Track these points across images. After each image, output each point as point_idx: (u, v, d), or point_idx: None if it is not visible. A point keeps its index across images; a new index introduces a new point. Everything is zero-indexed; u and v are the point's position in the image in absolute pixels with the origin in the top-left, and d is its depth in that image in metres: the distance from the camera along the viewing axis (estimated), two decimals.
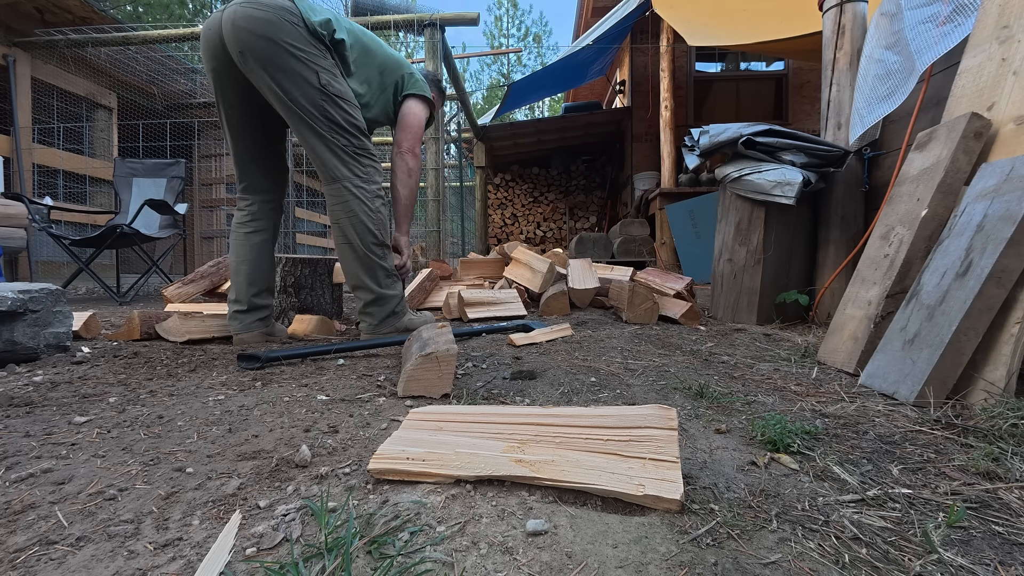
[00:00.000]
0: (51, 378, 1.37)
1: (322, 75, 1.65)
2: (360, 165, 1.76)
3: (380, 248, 1.80)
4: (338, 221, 1.75)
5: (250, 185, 1.90)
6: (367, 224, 1.75)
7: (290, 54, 1.60)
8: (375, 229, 1.77)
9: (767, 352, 1.77)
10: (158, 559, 0.59)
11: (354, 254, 1.76)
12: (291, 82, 1.61)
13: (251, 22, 1.56)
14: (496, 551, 0.60)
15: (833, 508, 0.71)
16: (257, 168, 1.89)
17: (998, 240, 1.13)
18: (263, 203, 1.92)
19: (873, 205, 2.25)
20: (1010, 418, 0.97)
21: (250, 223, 1.89)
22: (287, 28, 1.59)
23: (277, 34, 1.58)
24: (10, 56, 4.85)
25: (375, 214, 1.77)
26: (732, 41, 4.76)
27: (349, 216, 1.73)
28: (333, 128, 1.70)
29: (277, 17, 1.58)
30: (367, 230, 1.75)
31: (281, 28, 1.58)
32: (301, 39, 1.62)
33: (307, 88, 1.63)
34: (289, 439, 0.93)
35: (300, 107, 1.64)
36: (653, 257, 5.32)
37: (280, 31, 1.58)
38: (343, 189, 1.73)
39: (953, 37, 1.73)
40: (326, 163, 1.72)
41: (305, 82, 1.63)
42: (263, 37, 1.57)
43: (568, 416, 0.90)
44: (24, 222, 3.98)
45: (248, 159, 1.87)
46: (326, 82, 1.66)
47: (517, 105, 7.79)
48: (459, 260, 3.45)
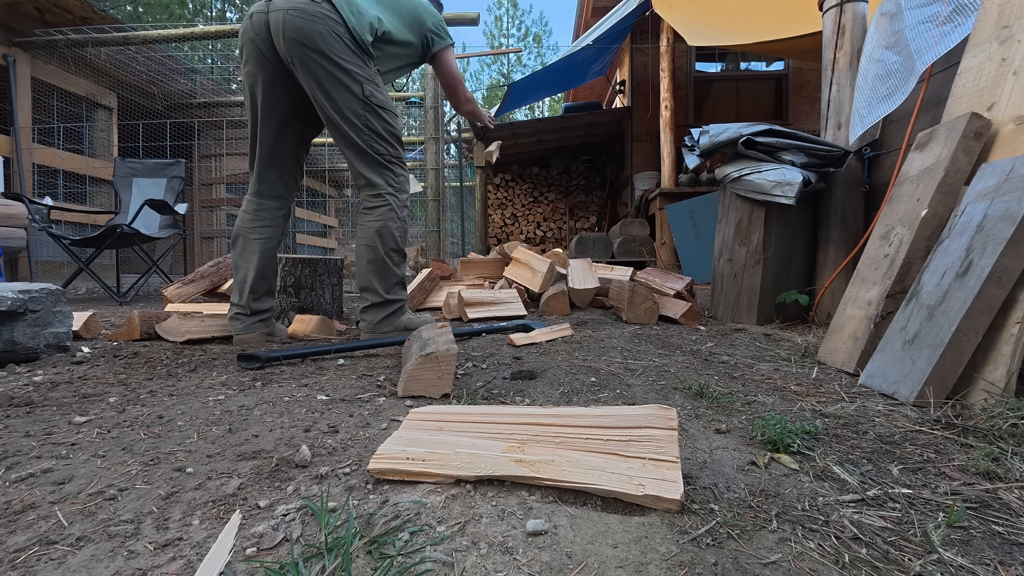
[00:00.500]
0: (51, 378, 1.37)
1: (366, 86, 1.72)
2: (394, 174, 1.84)
3: (398, 255, 1.86)
4: (367, 223, 1.81)
5: (264, 189, 1.90)
6: (392, 231, 1.82)
7: (337, 66, 1.66)
8: (398, 237, 1.84)
9: (767, 352, 1.77)
10: (158, 559, 0.59)
11: (372, 256, 1.81)
12: (338, 93, 1.68)
13: (301, 34, 1.61)
14: (496, 551, 0.60)
15: (833, 508, 0.71)
16: (277, 174, 1.91)
17: (998, 240, 1.13)
18: (275, 209, 1.92)
19: (873, 205, 2.25)
20: (1010, 418, 0.97)
21: (259, 228, 1.89)
22: (334, 41, 1.64)
23: (327, 47, 1.63)
24: (10, 56, 4.85)
25: (401, 223, 1.85)
26: (732, 41, 4.76)
27: (377, 221, 1.80)
28: (373, 137, 1.77)
29: (327, 29, 1.63)
30: (391, 236, 1.82)
31: (329, 41, 1.63)
32: (346, 50, 1.68)
33: (351, 99, 1.70)
34: (289, 439, 0.93)
35: (343, 117, 1.72)
36: (653, 257, 5.32)
37: (329, 44, 1.63)
38: (378, 196, 1.81)
39: (953, 37, 1.73)
40: (362, 171, 1.80)
41: (350, 93, 1.70)
42: (314, 50, 1.62)
43: (568, 416, 0.90)
44: (24, 222, 3.98)
45: (270, 164, 1.89)
46: (369, 93, 1.73)
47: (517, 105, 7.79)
48: (459, 260, 3.45)
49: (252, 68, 1.74)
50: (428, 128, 4.54)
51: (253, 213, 1.89)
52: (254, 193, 1.90)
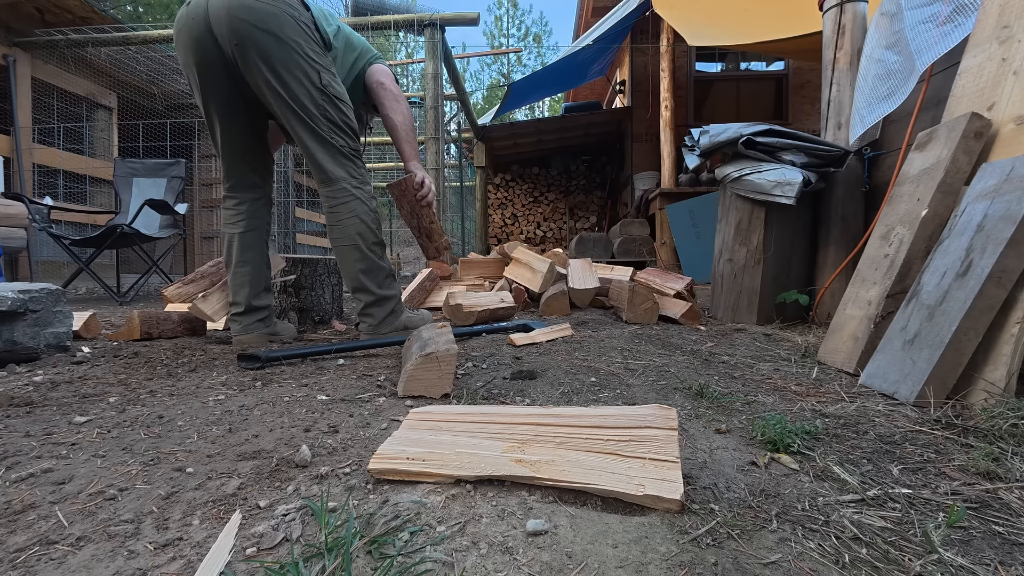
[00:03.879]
0: (51, 378, 1.37)
1: (323, 75, 1.64)
2: (355, 167, 1.75)
3: (379, 247, 1.80)
4: (339, 222, 1.73)
5: (238, 183, 1.85)
6: (368, 224, 1.75)
7: (293, 50, 1.57)
8: (375, 228, 1.78)
9: (767, 352, 1.77)
10: (158, 559, 0.59)
11: (356, 255, 1.74)
12: (293, 79, 1.58)
13: (250, 13, 1.51)
14: (496, 551, 0.60)
15: (833, 508, 0.71)
16: (245, 164, 1.85)
17: (998, 240, 1.13)
18: (253, 200, 1.88)
19: (873, 205, 2.25)
20: (1010, 418, 0.97)
21: (240, 222, 1.85)
22: (290, 23, 1.56)
23: (281, 28, 1.54)
24: (10, 56, 4.85)
25: (374, 213, 1.78)
26: (732, 41, 4.76)
27: (350, 216, 1.72)
28: (332, 128, 1.68)
29: (280, 10, 1.54)
30: (368, 229, 1.75)
31: (285, 22, 1.55)
32: (303, 35, 1.59)
33: (309, 87, 1.61)
34: (289, 439, 0.93)
35: (300, 105, 1.61)
36: (653, 257, 5.32)
37: (284, 25, 1.54)
38: (342, 190, 1.72)
39: (953, 37, 1.72)
40: (322, 163, 1.69)
41: (308, 80, 1.60)
42: (266, 31, 1.52)
43: (568, 416, 0.90)
44: (24, 222, 3.98)
45: (235, 156, 1.82)
46: (327, 82, 1.65)
47: (517, 105, 7.80)
48: (459, 260, 3.45)
49: (197, 59, 1.60)
50: (428, 128, 4.54)
51: (232, 209, 1.86)
52: (227, 189, 1.86)
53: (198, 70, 1.63)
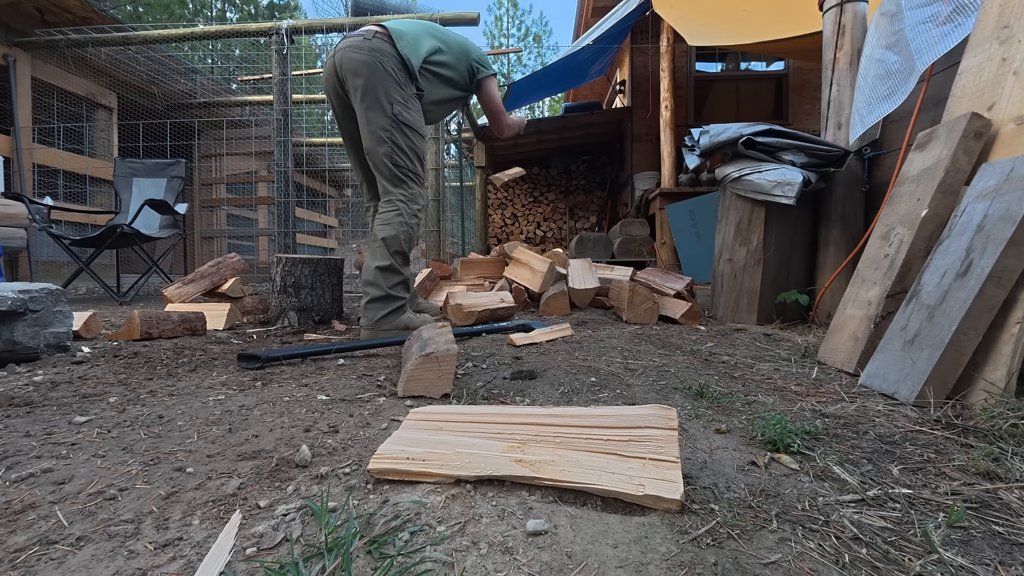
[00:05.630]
0: (51, 378, 1.37)
1: (395, 106, 1.97)
2: (407, 187, 2.04)
3: (401, 257, 2.01)
4: (379, 225, 2.01)
5: (374, 195, 2.23)
6: (398, 233, 1.99)
7: (375, 88, 1.95)
8: (404, 240, 2.01)
9: (767, 352, 1.77)
10: (158, 559, 0.59)
11: (380, 253, 1.97)
12: (371, 111, 1.96)
13: (351, 63, 1.94)
14: (496, 551, 0.60)
15: (833, 508, 0.71)
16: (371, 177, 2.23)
17: (998, 240, 1.13)
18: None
19: (873, 205, 2.25)
20: (1010, 418, 0.97)
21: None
22: (377, 68, 1.93)
23: (368, 73, 1.93)
24: (10, 56, 4.85)
25: (411, 229, 2.03)
26: (732, 41, 4.76)
27: (389, 223, 1.99)
28: (395, 150, 1.99)
29: (371, 59, 1.93)
30: (398, 239, 1.99)
31: (373, 68, 1.93)
32: (385, 76, 1.95)
33: (381, 116, 1.96)
34: (289, 439, 0.93)
35: (372, 132, 1.98)
36: (653, 257, 5.31)
37: (372, 71, 1.93)
38: (393, 202, 2.02)
39: (953, 37, 1.72)
40: (383, 181, 2.03)
41: (381, 111, 1.96)
42: (358, 76, 1.94)
43: (568, 416, 0.90)
44: (24, 222, 3.98)
45: (366, 171, 2.23)
46: (398, 112, 1.98)
47: (517, 105, 7.78)
48: (459, 260, 3.45)
49: (328, 98, 2.13)
50: (428, 128, 4.54)
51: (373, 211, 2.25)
52: (370, 199, 2.29)
53: (333, 106, 2.13)
